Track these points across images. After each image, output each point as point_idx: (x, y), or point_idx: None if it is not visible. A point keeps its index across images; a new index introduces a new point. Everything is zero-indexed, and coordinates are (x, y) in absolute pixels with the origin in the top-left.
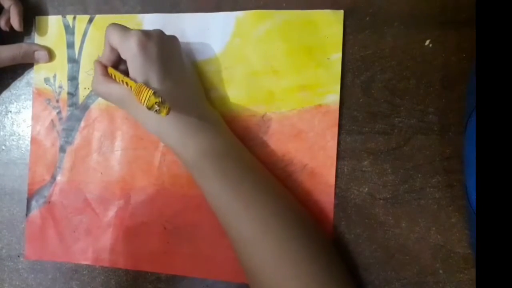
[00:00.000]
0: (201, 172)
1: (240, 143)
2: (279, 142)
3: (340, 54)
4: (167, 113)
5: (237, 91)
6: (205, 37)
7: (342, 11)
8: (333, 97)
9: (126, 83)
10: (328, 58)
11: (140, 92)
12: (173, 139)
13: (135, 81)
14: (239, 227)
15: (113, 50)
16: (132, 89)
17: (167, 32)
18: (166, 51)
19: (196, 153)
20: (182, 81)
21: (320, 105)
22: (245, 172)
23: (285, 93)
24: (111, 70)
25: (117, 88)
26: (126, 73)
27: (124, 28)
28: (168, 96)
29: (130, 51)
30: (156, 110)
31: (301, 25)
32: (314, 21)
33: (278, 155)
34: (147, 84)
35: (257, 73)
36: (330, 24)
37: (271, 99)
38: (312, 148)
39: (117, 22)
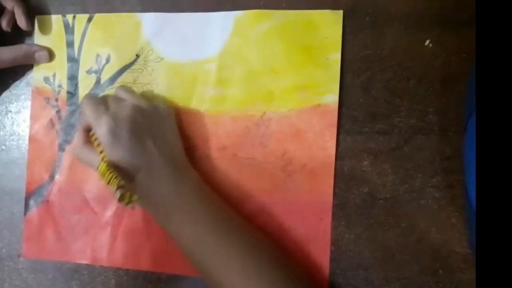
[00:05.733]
0: (178, 235)
1: (220, 202)
2: (278, 142)
3: (339, 54)
4: (132, 207)
5: (236, 91)
6: (203, 36)
7: (341, 11)
8: (332, 97)
9: (101, 152)
10: (327, 58)
11: (108, 178)
12: (152, 211)
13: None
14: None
15: None
16: (100, 169)
17: (166, 32)
18: (139, 130)
19: (172, 224)
20: (157, 153)
21: (319, 105)
22: (224, 235)
23: (284, 93)
24: (92, 136)
25: (97, 160)
26: None
27: (97, 109)
28: (138, 182)
29: (102, 137)
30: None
31: (300, 25)
32: (313, 21)
33: (277, 154)
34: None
35: (256, 72)
36: (329, 24)
37: (270, 99)
38: (311, 148)
39: (90, 95)
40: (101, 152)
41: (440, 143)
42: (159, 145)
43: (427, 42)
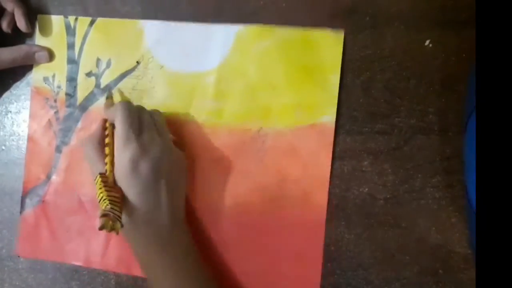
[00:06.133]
0: (152, 280)
1: (202, 265)
2: (274, 158)
3: (338, 75)
4: (117, 233)
5: (234, 104)
6: (204, 48)
7: (342, 32)
8: (329, 118)
9: (109, 162)
10: (326, 79)
11: (100, 196)
12: (133, 246)
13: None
14: None
15: None
16: (96, 181)
17: (168, 41)
18: (159, 172)
19: (150, 267)
20: (164, 201)
21: (315, 124)
22: None
23: (281, 110)
24: (106, 137)
25: (101, 167)
26: None
27: (131, 126)
28: (138, 218)
29: (121, 161)
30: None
31: (300, 44)
32: (314, 41)
33: (272, 170)
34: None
35: (255, 88)
36: (330, 44)
37: (267, 114)
38: (305, 166)
39: (130, 104)
40: (107, 163)
41: (440, 143)
42: (170, 194)
43: (427, 42)
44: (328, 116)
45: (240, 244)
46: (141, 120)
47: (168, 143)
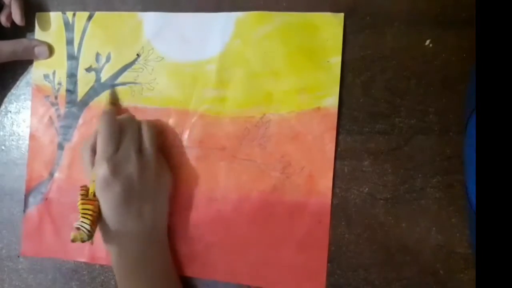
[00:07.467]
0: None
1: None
2: (277, 144)
3: (339, 57)
4: (91, 243)
5: (236, 92)
6: (205, 36)
7: (342, 14)
8: (332, 100)
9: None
10: (328, 61)
11: (80, 211)
12: (112, 255)
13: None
14: None
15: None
16: (81, 194)
17: (167, 31)
18: (132, 191)
19: (122, 279)
20: (133, 222)
21: (318, 108)
22: None
23: (284, 95)
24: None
25: (89, 173)
26: None
27: (109, 141)
28: (110, 232)
29: (97, 177)
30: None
31: (301, 28)
32: (314, 24)
33: (276, 156)
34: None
35: (257, 74)
36: (330, 27)
37: (270, 100)
38: (310, 150)
39: (113, 117)
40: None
41: (440, 143)
42: (144, 214)
43: (427, 42)
44: (331, 99)
45: (244, 233)
46: (122, 135)
47: (147, 160)
